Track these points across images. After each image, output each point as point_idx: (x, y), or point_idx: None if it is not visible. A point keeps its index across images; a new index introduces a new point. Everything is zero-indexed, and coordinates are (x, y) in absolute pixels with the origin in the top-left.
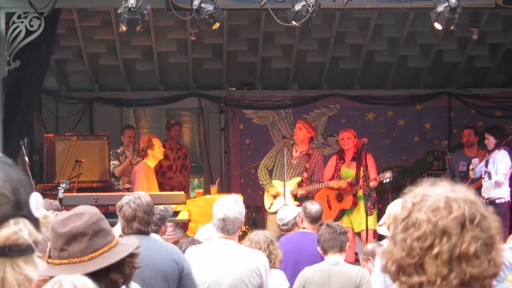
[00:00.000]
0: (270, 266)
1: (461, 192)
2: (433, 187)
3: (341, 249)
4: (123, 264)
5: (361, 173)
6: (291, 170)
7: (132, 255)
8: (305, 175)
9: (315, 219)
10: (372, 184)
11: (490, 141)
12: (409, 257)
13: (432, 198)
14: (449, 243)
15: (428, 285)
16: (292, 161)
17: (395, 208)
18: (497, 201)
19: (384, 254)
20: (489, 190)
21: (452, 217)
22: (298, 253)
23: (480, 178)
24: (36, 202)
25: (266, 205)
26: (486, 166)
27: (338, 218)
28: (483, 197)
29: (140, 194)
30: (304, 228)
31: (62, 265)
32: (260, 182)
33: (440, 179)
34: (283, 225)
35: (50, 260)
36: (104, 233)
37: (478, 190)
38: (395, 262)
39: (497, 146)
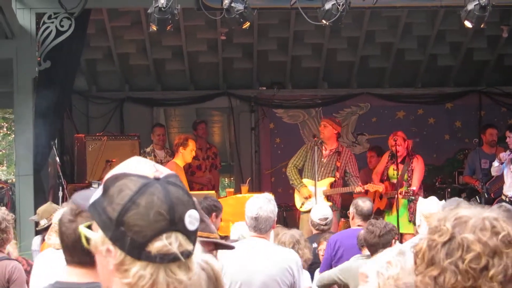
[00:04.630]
0: None
1: (493, 212)
2: (458, 208)
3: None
4: None
5: (405, 176)
6: (322, 169)
7: None
8: (337, 174)
9: (367, 216)
10: (403, 196)
11: None
12: (464, 281)
13: (472, 218)
14: (502, 264)
15: None
16: (323, 159)
17: (426, 206)
18: None
19: (427, 283)
20: None
21: (501, 236)
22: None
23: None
24: (191, 218)
25: (297, 204)
26: None
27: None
28: (506, 195)
29: None
30: (359, 225)
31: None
32: (290, 182)
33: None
34: (325, 224)
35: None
36: None
37: (501, 189)
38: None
39: None
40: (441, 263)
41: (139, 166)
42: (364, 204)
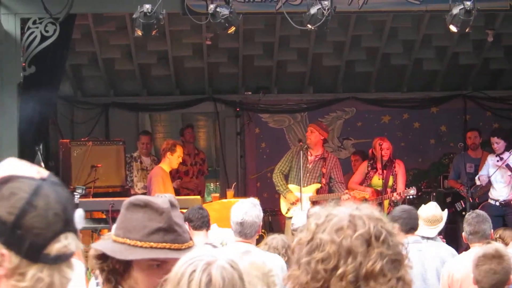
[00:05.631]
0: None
1: (366, 209)
2: (337, 207)
3: None
4: None
5: (390, 182)
6: (307, 175)
7: None
8: (324, 181)
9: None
10: (394, 197)
11: (501, 145)
12: (314, 281)
13: (336, 217)
14: (354, 263)
15: None
16: (308, 165)
17: (426, 212)
18: None
19: (290, 280)
20: (505, 193)
21: (356, 235)
22: None
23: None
24: (79, 217)
25: (283, 210)
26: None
27: None
28: (496, 200)
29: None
30: None
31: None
32: (276, 188)
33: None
34: (293, 230)
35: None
36: None
37: (486, 194)
38: (300, 287)
39: (508, 149)
40: (300, 261)
41: (20, 167)
42: (312, 209)
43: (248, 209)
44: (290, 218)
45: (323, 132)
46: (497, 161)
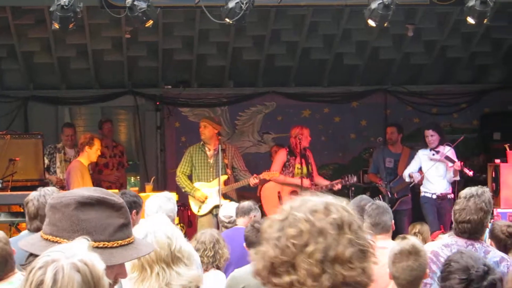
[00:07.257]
0: (214, 266)
1: (340, 202)
2: (313, 196)
3: None
4: None
5: (310, 169)
6: (211, 169)
7: None
8: (229, 171)
9: (242, 213)
10: (336, 188)
11: (435, 138)
12: (283, 255)
13: (312, 202)
14: (324, 243)
15: (299, 285)
16: (209, 160)
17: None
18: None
19: (258, 255)
20: (443, 186)
21: (330, 218)
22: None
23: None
24: None
25: (194, 209)
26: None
27: None
28: (433, 193)
29: (46, 192)
30: (236, 224)
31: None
32: (183, 190)
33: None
34: (229, 222)
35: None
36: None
37: (404, 189)
38: (267, 261)
39: (442, 143)
40: (269, 238)
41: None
42: (244, 202)
43: (162, 203)
44: (202, 215)
45: (216, 126)
46: (433, 154)
